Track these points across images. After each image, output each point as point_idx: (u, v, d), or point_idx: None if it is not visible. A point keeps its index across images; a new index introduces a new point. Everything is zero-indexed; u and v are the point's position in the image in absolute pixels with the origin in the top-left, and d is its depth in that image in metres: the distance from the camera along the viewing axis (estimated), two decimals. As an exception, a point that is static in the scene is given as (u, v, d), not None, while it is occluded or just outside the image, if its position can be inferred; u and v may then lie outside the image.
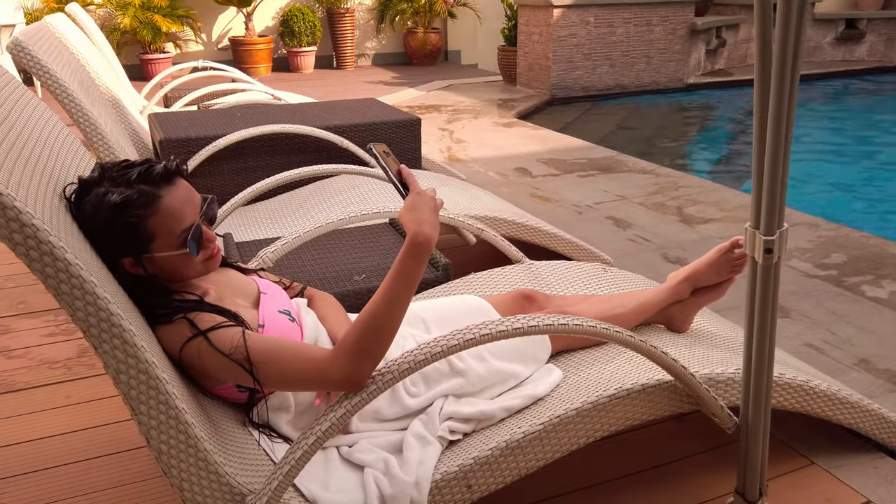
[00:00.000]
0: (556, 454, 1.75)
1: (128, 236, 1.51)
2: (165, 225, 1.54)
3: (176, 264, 1.59)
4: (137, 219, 1.50)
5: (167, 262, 1.57)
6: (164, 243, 1.55)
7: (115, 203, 1.48)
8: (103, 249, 1.51)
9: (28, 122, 1.62)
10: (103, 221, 1.48)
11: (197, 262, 1.62)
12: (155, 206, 1.52)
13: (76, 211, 1.50)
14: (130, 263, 1.54)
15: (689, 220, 4.23)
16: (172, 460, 1.40)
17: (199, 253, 1.61)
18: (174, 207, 1.55)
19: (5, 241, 1.17)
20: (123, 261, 1.53)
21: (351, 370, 1.46)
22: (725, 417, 1.82)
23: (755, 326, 1.63)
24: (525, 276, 2.49)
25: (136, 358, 1.31)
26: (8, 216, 1.16)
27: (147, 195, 1.51)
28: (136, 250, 1.53)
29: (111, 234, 1.49)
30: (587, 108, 8.25)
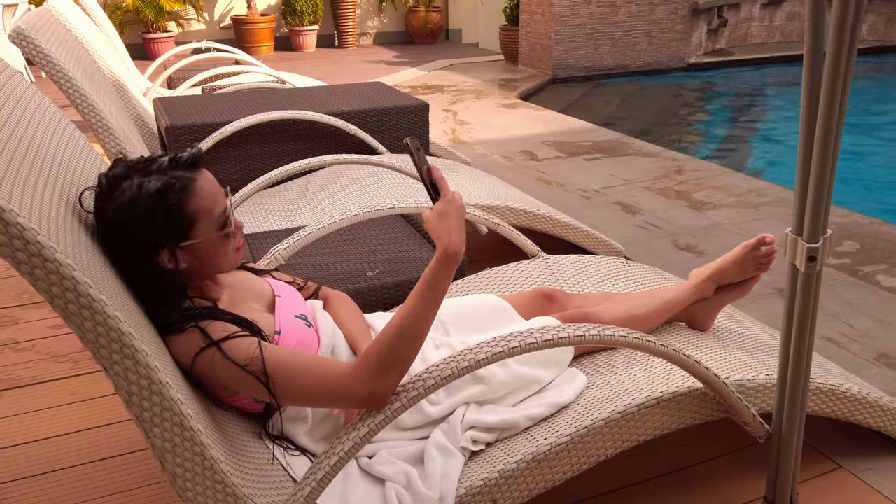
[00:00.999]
0: (583, 466, 1.69)
1: (169, 223, 1.46)
2: (205, 207, 1.50)
3: (214, 251, 1.53)
4: (179, 203, 1.46)
5: (207, 247, 1.52)
6: (205, 226, 1.50)
7: (157, 189, 1.44)
8: (134, 246, 1.44)
9: (31, 122, 1.54)
10: (143, 211, 1.43)
11: (230, 250, 1.56)
12: (192, 189, 1.48)
13: (100, 210, 1.45)
14: (167, 256, 1.47)
15: (697, 205, 4.16)
16: (188, 483, 1.33)
17: (232, 238, 1.56)
18: (209, 190, 1.51)
19: (8, 260, 1.10)
20: (160, 253, 1.46)
21: (376, 387, 1.39)
22: (757, 426, 1.76)
23: (794, 336, 1.57)
24: (542, 272, 2.42)
25: (150, 379, 1.24)
26: (11, 233, 1.08)
27: (184, 179, 1.48)
28: (176, 237, 1.48)
29: (151, 223, 1.43)
30: (589, 88, 8.15)
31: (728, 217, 3.95)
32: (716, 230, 3.77)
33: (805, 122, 1.36)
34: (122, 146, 2.40)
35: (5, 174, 1.19)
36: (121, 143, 2.40)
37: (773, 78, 8.76)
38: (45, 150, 1.49)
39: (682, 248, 3.55)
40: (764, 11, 9.90)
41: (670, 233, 3.76)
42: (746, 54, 9.36)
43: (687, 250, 3.53)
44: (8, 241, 1.07)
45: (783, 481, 1.76)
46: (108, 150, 2.50)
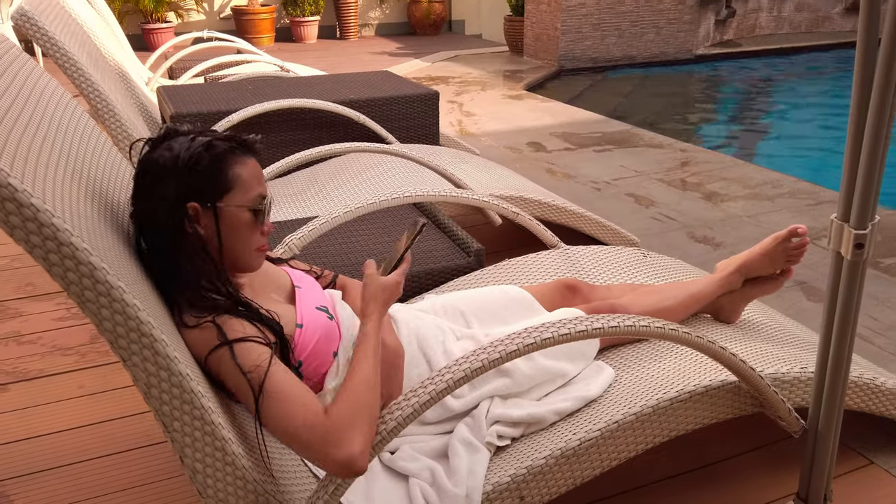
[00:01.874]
0: (613, 462, 1.63)
1: (210, 176, 1.44)
2: (246, 182, 1.47)
3: (238, 233, 1.47)
4: (224, 162, 1.45)
5: (233, 224, 1.47)
6: (239, 198, 1.47)
7: (208, 142, 1.45)
8: (168, 194, 1.42)
9: (39, 102, 1.48)
10: (189, 157, 1.43)
11: (253, 244, 1.50)
12: (241, 160, 1.48)
13: (147, 155, 1.45)
14: (196, 210, 1.44)
15: (712, 197, 4.09)
16: (209, 479, 1.27)
17: (260, 233, 1.51)
18: (254, 173, 1.50)
19: (21, 244, 1.03)
20: (190, 208, 1.43)
21: (352, 449, 1.30)
22: (793, 421, 1.70)
23: (835, 327, 1.51)
24: (562, 263, 2.36)
25: (169, 370, 1.18)
26: (25, 215, 1.02)
27: (236, 149, 1.49)
28: (211, 194, 1.44)
29: (192, 171, 1.42)
30: (596, 79, 8.07)
31: (743, 209, 3.89)
32: (732, 222, 3.70)
33: (857, 104, 1.30)
34: (129, 133, 2.34)
35: (15, 153, 1.13)
36: (128, 130, 2.33)
37: (781, 69, 8.68)
38: (55, 131, 1.42)
39: (699, 241, 3.49)
40: (772, 2, 9.81)
41: (685, 224, 3.69)
42: (755, 45, 9.29)
43: (703, 242, 3.47)
44: (21, 224, 1.01)
45: (818, 478, 1.69)
46: (115, 136, 2.43)
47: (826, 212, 3.81)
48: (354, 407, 1.32)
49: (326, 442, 1.28)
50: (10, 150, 1.11)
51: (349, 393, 1.34)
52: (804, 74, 8.47)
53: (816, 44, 9.46)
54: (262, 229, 1.51)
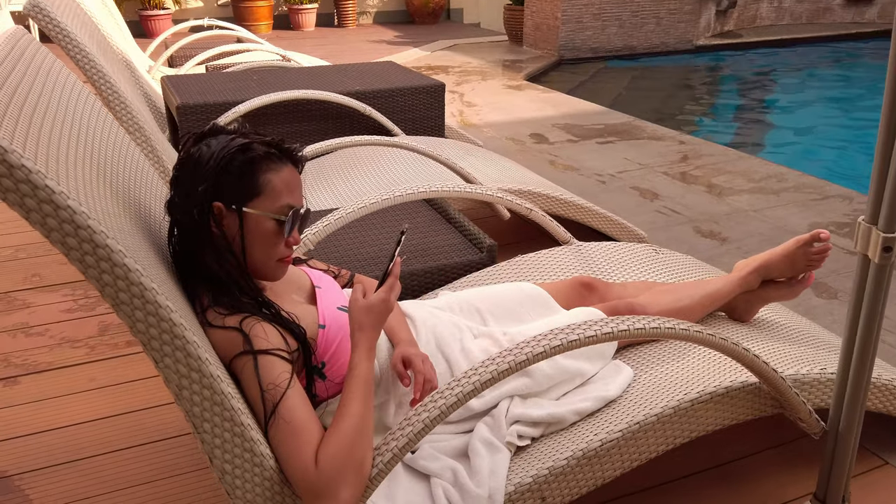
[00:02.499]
0: (634, 462, 1.63)
1: (239, 178, 1.44)
2: (276, 189, 1.46)
3: (260, 240, 1.46)
4: (256, 167, 1.45)
5: (257, 230, 1.45)
6: (266, 205, 1.46)
7: (244, 145, 1.45)
8: (198, 190, 1.42)
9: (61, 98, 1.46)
10: (224, 157, 1.43)
11: (275, 254, 1.49)
12: (275, 167, 1.47)
13: (191, 148, 1.46)
14: (221, 210, 1.44)
15: (717, 191, 4.09)
16: (237, 480, 1.27)
17: (284, 244, 1.49)
18: (291, 181, 1.49)
19: (58, 246, 1.02)
20: (215, 207, 1.43)
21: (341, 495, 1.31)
22: (813, 423, 1.69)
23: (860, 329, 1.50)
24: (575, 260, 2.35)
25: (200, 372, 1.18)
26: (62, 217, 1.00)
27: (275, 155, 1.48)
28: (237, 197, 1.44)
29: (224, 170, 1.42)
30: (596, 69, 8.05)
31: (749, 203, 3.88)
32: (738, 216, 3.70)
33: (888, 106, 1.29)
34: (140, 125, 2.31)
35: (47, 153, 1.11)
36: (139, 122, 2.31)
37: (782, 60, 8.66)
38: (77, 127, 1.41)
39: (706, 235, 3.48)
40: (773, -7, 9.82)
41: (691, 219, 3.69)
42: (755, 36, 9.27)
43: (710, 237, 3.46)
44: (58, 226, 0.99)
45: (837, 479, 1.69)
46: (127, 128, 2.41)
47: (832, 207, 3.81)
48: (343, 456, 1.31)
49: (315, 493, 1.30)
50: (42, 151, 1.10)
51: (339, 439, 1.32)
52: (805, 66, 8.46)
53: (817, 35, 9.45)
54: (286, 240, 1.49)
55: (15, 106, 1.15)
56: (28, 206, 0.96)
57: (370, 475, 1.34)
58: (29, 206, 0.96)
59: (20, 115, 1.14)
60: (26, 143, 1.08)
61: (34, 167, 0.97)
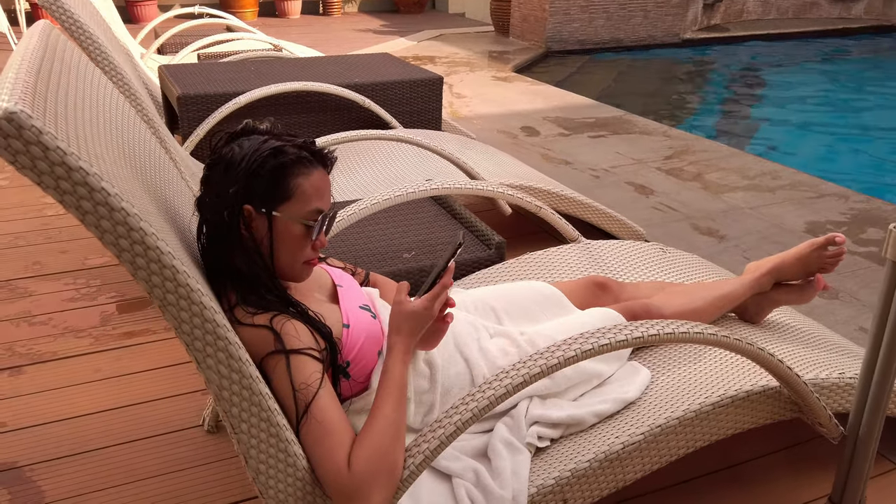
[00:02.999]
0: (654, 465, 1.63)
1: (270, 182, 1.42)
2: (306, 193, 1.44)
3: (288, 244, 1.45)
4: (286, 171, 1.43)
5: (284, 234, 1.44)
6: (295, 210, 1.44)
7: (276, 148, 1.43)
8: (229, 193, 1.40)
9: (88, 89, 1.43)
10: (255, 160, 1.41)
11: (302, 257, 1.48)
12: (306, 171, 1.45)
13: (223, 149, 1.45)
14: (251, 213, 1.42)
15: (712, 187, 4.10)
16: (271, 480, 1.26)
17: (311, 247, 1.48)
18: (321, 185, 1.47)
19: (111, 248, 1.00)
20: (245, 210, 1.42)
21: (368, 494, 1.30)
22: (833, 427, 1.70)
23: (886, 336, 1.51)
24: (584, 259, 2.35)
25: (241, 373, 1.17)
26: (116, 219, 0.98)
27: (307, 159, 1.46)
28: (267, 200, 1.42)
29: (255, 173, 1.41)
30: (583, 61, 8.05)
31: (745, 200, 3.90)
32: (735, 214, 3.72)
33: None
34: (149, 116, 2.28)
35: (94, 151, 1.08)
36: (148, 114, 2.27)
37: (768, 55, 8.71)
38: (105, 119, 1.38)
39: (704, 233, 3.50)
40: (760, -12, 9.86)
41: (688, 216, 3.70)
42: (742, 30, 9.32)
43: (708, 234, 3.48)
44: (112, 228, 0.97)
45: (854, 483, 1.71)
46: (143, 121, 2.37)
47: (828, 205, 3.84)
48: (377, 459, 1.30)
49: (347, 496, 1.29)
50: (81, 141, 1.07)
51: (372, 441, 1.32)
52: (792, 61, 8.52)
53: (804, 30, 9.51)
54: (313, 244, 1.48)
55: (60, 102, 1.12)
56: (84, 209, 0.94)
57: (401, 477, 1.33)
58: (85, 208, 0.94)
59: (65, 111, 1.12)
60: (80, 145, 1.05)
61: (92, 170, 0.95)
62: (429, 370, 1.64)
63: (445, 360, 1.68)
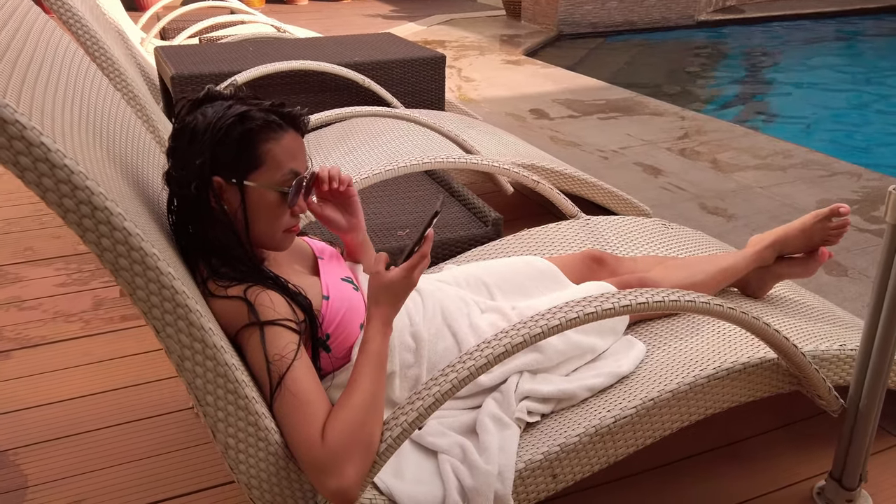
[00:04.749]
0: (647, 440, 1.58)
1: (238, 150, 1.36)
2: (278, 158, 1.39)
3: (263, 213, 1.40)
4: (255, 137, 1.37)
5: (259, 203, 1.39)
6: (267, 177, 1.39)
7: (242, 113, 1.37)
8: (196, 164, 1.35)
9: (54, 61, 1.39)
10: (221, 127, 1.35)
11: (281, 225, 1.43)
12: (275, 135, 1.39)
13: (185, 118, 1.39)
14: (221, 185, 1.37)
15: (722, 167, 4.03)
16: (241, 455, 1.22)
17: (290, 214, 1.43)
18: (294, 147, 1.42)
19: (55, 208, 0.96)
20: (215, 181, 1.36)
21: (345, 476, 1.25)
22: (832, 400, 1.65)
23: (885, 304, 1.45)
24: (583, 234, 2.29)
25: (204, 342, 1.12)
26: (58, 177, 0.94)
27: (275, 123, 1.39)
28: (237, 170, 1.37)
29: (222, 142, 1.35)
30: (596, 45, 7.96)
31: (755, 180, 3.83)
32: (744, 193, 3.64)
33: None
34: (136, 94, 2.24)
35: (42, 113, 1.05)
36: (134, 91, 2.23)
37: (784, 36, 8.58)
38: (73, 90, 1.34)
39: (712, 212, 3.43)
40: (775, -32, 9.70)
41: (697, 195, 3.63)
42: (758, 11, 9.18)
43: (716, 214, 3.41)
44: (54, 186, 0.93)
45: (854, 458, 1.65)
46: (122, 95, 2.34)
47: (840, 183, 3.76)
48: (352, 432, 1.26)
49: (319, 469, 1.24)
50: (37, 110, 1.03)
51: (347, 414, 1.27)
52: (808, 41, 8.38)
53: (821, 10, 9.35)
54: (292, 210, 1.43)
55: (7, 62, 1.08)
56: (23, 165, 0.90)
57: (378, 451, 1.29)
58: (24, 164, 0.90)
59: (13, 71, 1.08)
60: (20, 99, 1.01)
61: (29, 123, 0.91)
62: (414, 344, 1.60)
63: (433, 335, 1.64)
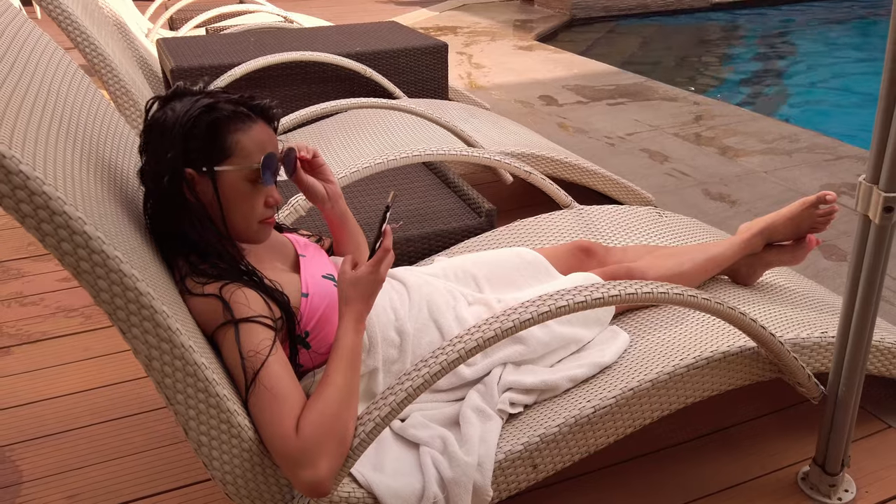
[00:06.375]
0: (627, 430, 1.60)
1: (208, 140, 1.38)
2: (247, 149, 1.41)
3: (236, 204, 1.42)
4: (224, 127, 1.40)
5: (231, 194, 1.41)
6: (237, 167, 1.41)
7: (209, 104, 1.40)
8: (167, 158, 1.37)
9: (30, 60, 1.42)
10: (188, 119, 1.37)
11: (255, 216, 1.45)
12: (243, 126, 1.42)
13: (155, 114, 1.41)
14: (193, 176, 1.39)
15: (728, 152, 4.01)
16: (214, 451, 1.24)
17: (264, 205, 1.46)
18: (263, 139, 1.44)
19: (12, 213, 0.98)
20: (187, 174, 1.39)
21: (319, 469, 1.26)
22: (812, 387, 1.65)
23: (860, 292, 1.45)
24: (576, 224, 2.30)
25: (171, 342, 1.14)
26: (14, 182, 0.96)
27: (243, 113, 1.42)
28: (208, 159, 1.39)
29: (191, 134, 1.37)
30: (609, 29, 7.91)
31: (760, 164, 3.80)
32: (748, 178, 3.63)
33: (890, 61, 1.23)
34: (126, 88, 2.27)
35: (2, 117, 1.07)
36: (126, 86, 2.26)
37: (800, 18, 8.48)
38: (54, 96, 1.37)
39: (714, 198, 3.42)
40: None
41: (701, 181, 3.61)
42: (773, -7, 9.08)
43: (719, 199, 3.40)
44: (10, 192, 0.96)
45: (836, 444, 1.66)
46: (114, 93, 2.37)
47: (845, 167, 3.73)
48: (325, 425, 1.28)
49: (294, 462, 1.26)
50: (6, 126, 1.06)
51: (321, 407, 1.29)
52: (823, 24, 8.28)
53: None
54: (266, 200, 1.45)
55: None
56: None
57: (352, 445, 1.31)
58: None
59: None
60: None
61: None
62: (399, 339, 1.61)
63: (418, 329, 1.66)
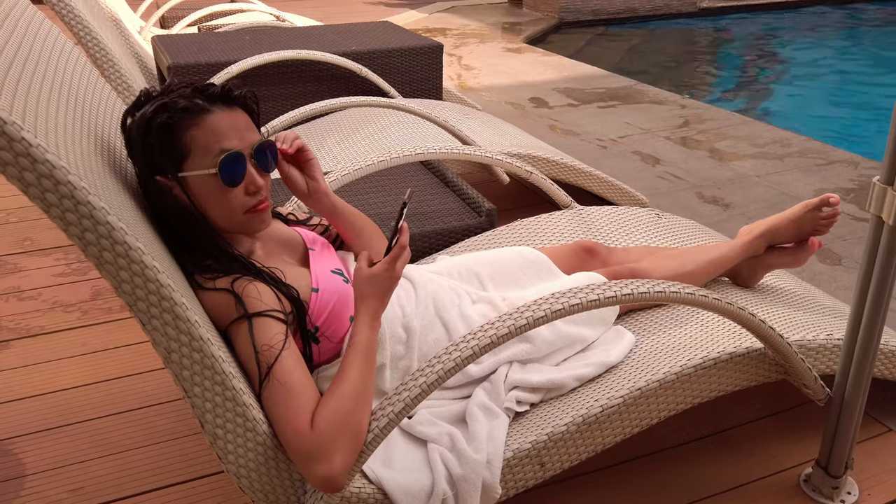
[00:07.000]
0: (634, 429, 1.60)
1: (163, 143, 1.34)
2: (203, 143, 1.35)
3: (214, 199, 1.38)
4: (174, 126, 1.34)
5: (204, 191, 1.37)
6: (199, 163, 1.36)
7: (159, 105, 1.34)
8: (139, 167, 1.37)
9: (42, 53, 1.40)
10: (142, 126, 1.34)
11: (237, 206, 1.40)
12: (197, 119, 1.35)
13: (127, 128, 1.38)
14: (164, 183, 1.36)
15: (720, 156, 4.03)
16: (229, 445, 1.24)
17: (244, 193, 1.40)
18: (217, 128, 1.36)
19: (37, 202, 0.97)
20: (158, 180, 1.36)
21: (333, 464, 1.26)
22: (818, 389, 1.66)
23: (870, 294, 1.46)
24: (576, 224, 2.30)
25: (190, 335, 1.13)
26: (40, 171, 0.95)
27: (195, 107, 1.35)
28: (171, 164, 1.35)
29: (147, 142, 1.34)
30: (598, 32, 7.94)
31: (753, 168, 3.83)
32: (741, 182, 3.65)
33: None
34: (129, 84, 2.25)
35: (25, 106, 1.06)
36: (127, 81, 2.24)
37: (788, 24, 8.54)
38: (59, 83, 1.35)
39: (708, 201, 3.43)
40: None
41: (694, 184, 3.63)
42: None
43: (713, 203, 3.41)
44: (36, 181, 0.94)
45: (840, 446, 1.67)
46: (115, 87, 2.35)
47: (837, 172, 3.75)
48: (340, 420, 1.27)
49: (308, 456, 1.26)
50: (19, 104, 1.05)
51: (336, 402, 1.29)
52: (811, 29, 8.35)
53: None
54: (246, 188, 1.40)
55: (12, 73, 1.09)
56: (4, 160, 0.91)
57: (366, 441, 1.31)
58: (5, 159, 0.91)
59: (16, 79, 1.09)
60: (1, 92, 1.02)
61: (10, 119, 0.92)
62: (406, 335, 1.61)
63: (424, 326, 1.65)
